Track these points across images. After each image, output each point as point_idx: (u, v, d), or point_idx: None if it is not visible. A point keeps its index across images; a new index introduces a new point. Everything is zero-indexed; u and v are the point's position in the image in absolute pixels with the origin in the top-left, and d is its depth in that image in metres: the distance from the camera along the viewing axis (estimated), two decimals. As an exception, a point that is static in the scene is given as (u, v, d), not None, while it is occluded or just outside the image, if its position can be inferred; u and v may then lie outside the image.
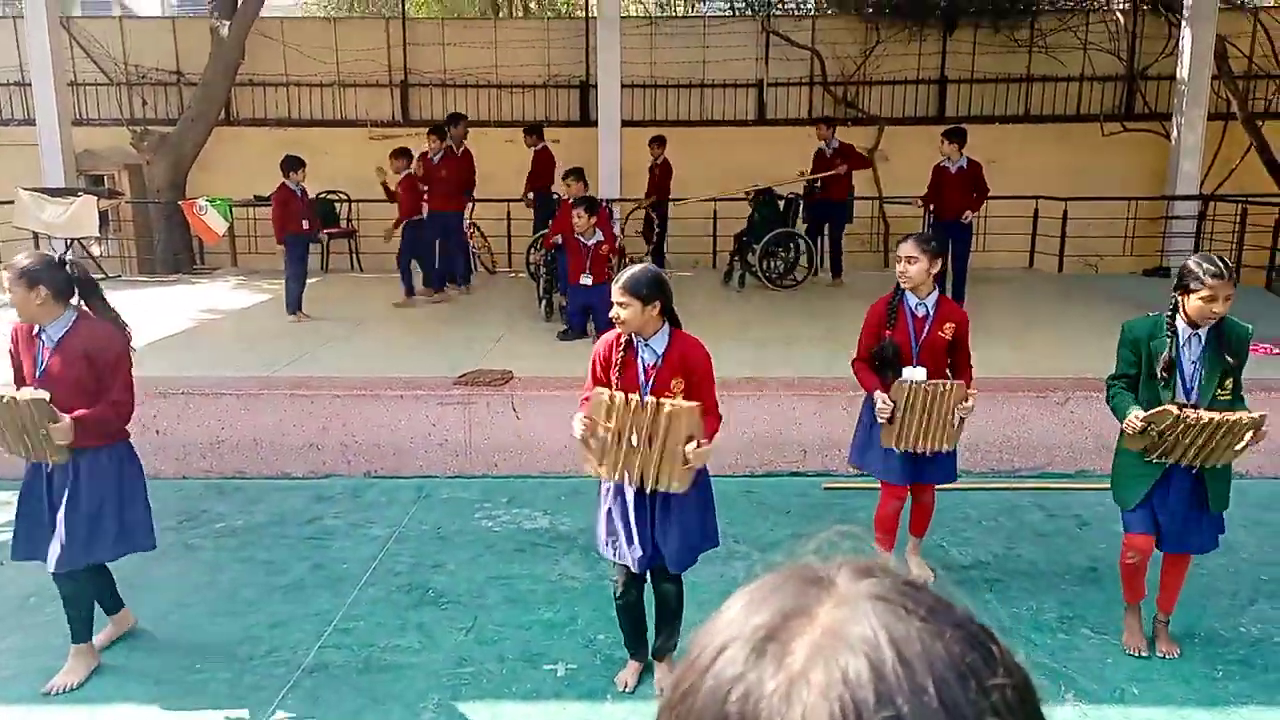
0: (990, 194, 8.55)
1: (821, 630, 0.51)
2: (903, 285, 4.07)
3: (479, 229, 11.06)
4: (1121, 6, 13.96)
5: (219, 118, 12.69)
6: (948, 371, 4.18)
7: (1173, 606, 3.90)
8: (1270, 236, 10.02)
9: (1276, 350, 7.04)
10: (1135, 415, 3.55)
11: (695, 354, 3.33)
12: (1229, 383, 3.57)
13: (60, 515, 3.51)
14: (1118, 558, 4.19)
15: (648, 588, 3.55)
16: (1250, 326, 3.58)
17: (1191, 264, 3.47)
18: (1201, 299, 3.42)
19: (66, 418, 3.41)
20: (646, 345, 3.32)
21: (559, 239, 7.88)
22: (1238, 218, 10.61)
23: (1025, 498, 5.57)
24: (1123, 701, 3.54)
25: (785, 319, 8.41)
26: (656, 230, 10.96)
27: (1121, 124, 13.41)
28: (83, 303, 3.61)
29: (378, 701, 3.55)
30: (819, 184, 9.87)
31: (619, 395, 3.19)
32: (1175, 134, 11.78)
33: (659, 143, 10.85)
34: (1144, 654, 3.82)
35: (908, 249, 4.04)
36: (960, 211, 8.21)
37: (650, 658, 3.64)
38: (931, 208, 8.67)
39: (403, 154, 9.13)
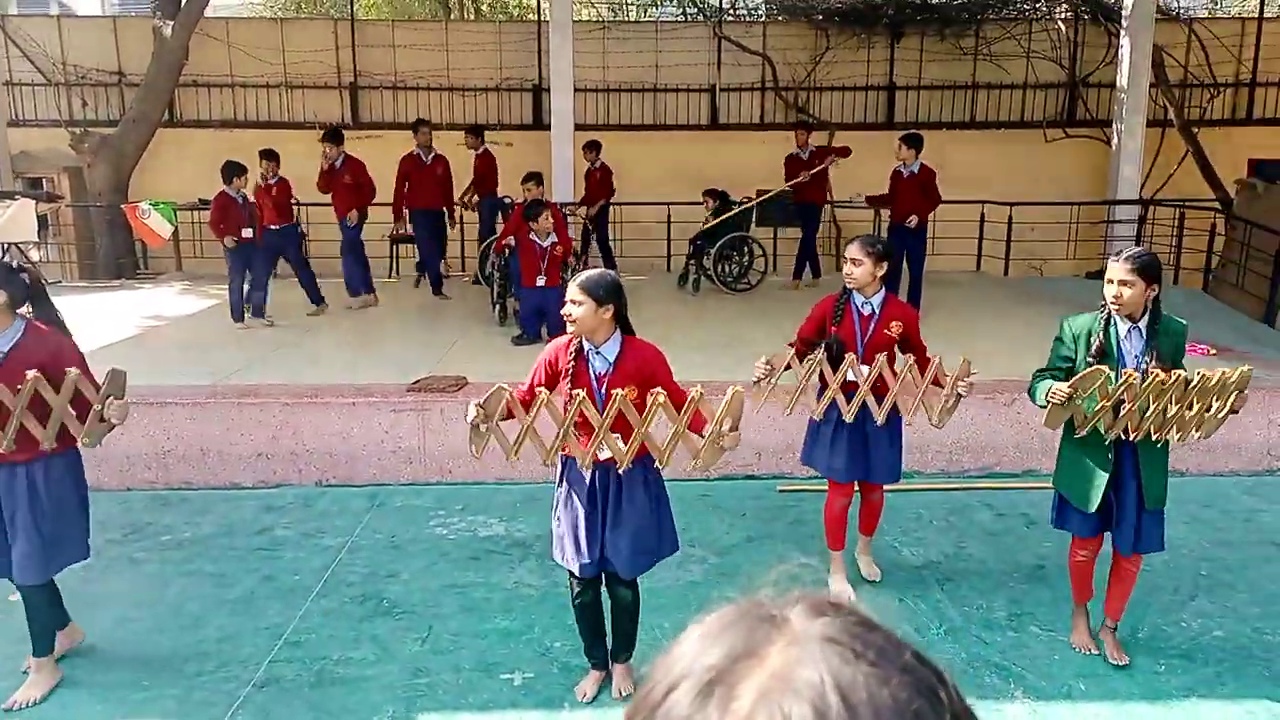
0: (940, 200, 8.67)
1: (769, 674, 0.52)
2: (849, 285, 4.13)
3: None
4: (1063, 16, 14.29)
5: (162, 119, 12.41)
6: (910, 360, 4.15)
7: (1121, 613, 3.87)
8: (1207, 240, 10.33)
9: (1213, 351, 7.26)
10: (1059, 385, 3.49)
11: (650, 358, 3.32)
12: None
13: (24, 526, 3.42)
14: (1065, 557, 4.28)
15: (605, 593, 3.55)
16: (1185, 322, 3.64)
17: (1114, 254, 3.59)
18: (1106, 281, 3.53)
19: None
20: (598, 353, 3.29)
21: (511, 241, 7.85)
22: (1176, 222, 10.92)
23: (974, 497, 5.67)
24: (1070, 698, 3.62)
25: (739, 322, 8.47)
26: (593, 237, 10.85)
27: (1064, 130, 13.72)
28: (30, 310, 3.52)
29: (331, 715, 3.49)
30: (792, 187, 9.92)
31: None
32: (1116, 140, 12.10)
33: (593, 148, 10.75)
34: (1093, 651, 3.88)
35: (854, 251, 4.12)
36: (916, 215, 8.29)
37: (609, 663, 3.63)
38: (887, 212, 8.77)
39: (271, 156, 8.71)
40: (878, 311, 4.13)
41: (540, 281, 7.39)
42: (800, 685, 0.50)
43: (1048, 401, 3.55)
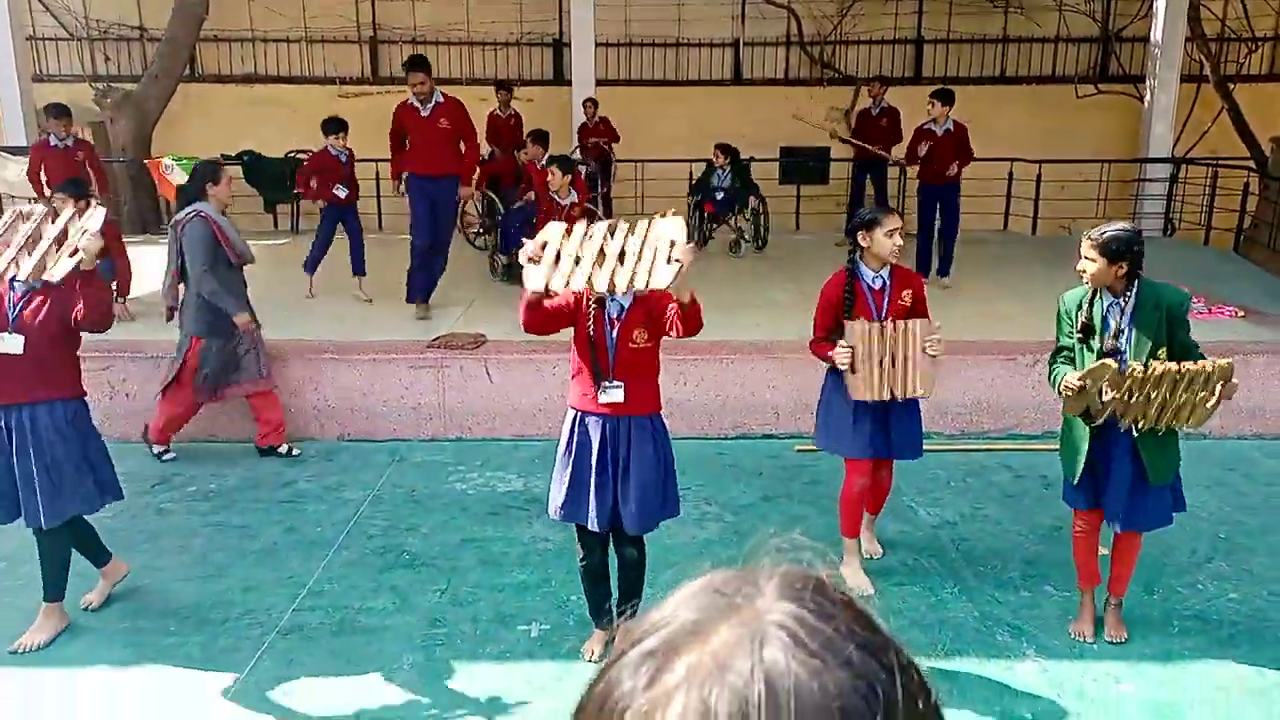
0: (985, 158, 8.43)
1: (709, 653, 0.52)
2: (884, 261, 3.91)
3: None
4: (1097, -33, 13.91)
5: (184, 74, 12.40)
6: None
7: (1124, 589, 3.80)
8: (1240, 199, 10.12)
9: (1241, 314, 7.15)
10: (1070, 376, 3.46)
11: (659, 299, 3.32)
12: (1162, 352, 3.43)
13: (32, 471, 3.50)
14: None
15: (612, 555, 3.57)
16: (1185, 293, 3.56)
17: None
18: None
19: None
20: (613, 299, 3.36)
21: (532, 196, 7.84)
22: (1209, 181, 10.70)
23: (993, 459, 5.66)
24: (1082, 658, 3.64)
25: (758, 281, 8.43)
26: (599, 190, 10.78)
27: (1096, 86, 13.42)
28: None
29: (352, 663, 3.58)
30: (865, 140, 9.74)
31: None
32: (1148, 96, 11.83)
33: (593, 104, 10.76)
34: (1087, 639, 3.74)
35: (898, 221, 3.88)
36: (945, 175, 8.03)
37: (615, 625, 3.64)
38: (913, 171, 8.57)
39: (63, 113, 7.75)
40: (888, 282, 3.96)
41: None
42: (732, 670, 0.50)
43: (1061, 392, 3.53)
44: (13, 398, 3.52)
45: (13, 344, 3.49)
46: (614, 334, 3.34)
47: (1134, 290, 3.47)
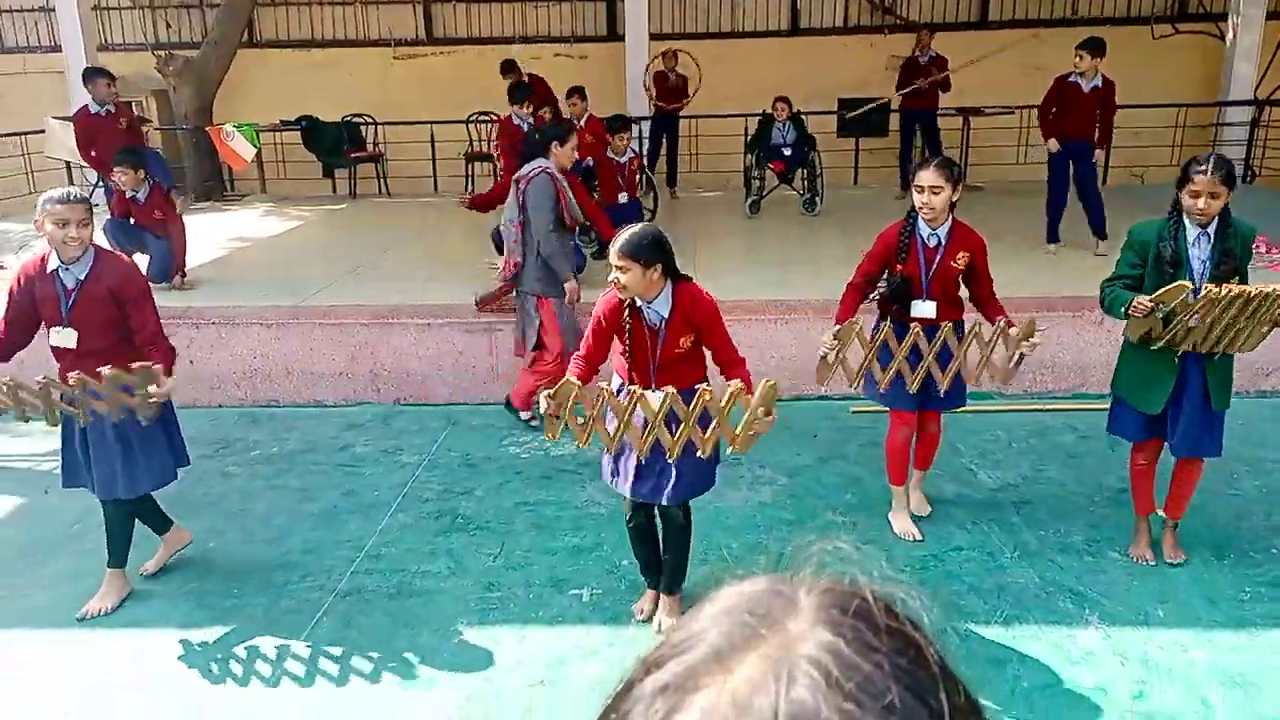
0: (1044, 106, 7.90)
1: (729, 694, 0.46)
2: (924, 217, 3.85)
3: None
4: (1177, -102, 13.16)
5: (242, 40, 12.53)
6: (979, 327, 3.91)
7: (1182, 513, 3.91)
8: (1326, 143, 9.59)
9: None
10: (1142, 297, 3.49)
11: (702, 307, 3.26)
12: (1235, 280, 3.52)
13: (106, 445, 3.58)
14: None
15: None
16: (1254, 226, 3.64)
17: (1189, 161, 3.58)
18: (1188, 193, 3.51)
19: (168, 379, 3.46)
20: (650, 307, 3.25)
21: (590, 161, 7.77)
22: (1292, 123, 10.15)
23: (1058, 419, 5.50)
24: (1147, 624, 3.53)
25: (812, 239, 8.27)
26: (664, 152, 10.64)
27: (1173, 25, 12.76)
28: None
29: (408, 625, 3.64)
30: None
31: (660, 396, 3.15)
32: (1230, 35, 11.22)
33: (674, 56, 10.54)
34: (1149, 561, 3.89)
35: (930, 178, 3.77)
36: (1089, 135, 7.36)
37: (660, 591, 3.65)
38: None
39: (104, 76, 7.54)
40: (944, 242, 3.86)
41: (622, 198, 7.30)
42: (750, 713, 0.45)
43: (1128, 314, 3.54)
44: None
45: (67, 338, 3.53)
46: (657, 344, 3.28)
47: (1222, 220, 3.53)
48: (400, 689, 3.27)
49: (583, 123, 8.50)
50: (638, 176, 7.64)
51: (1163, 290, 3.45)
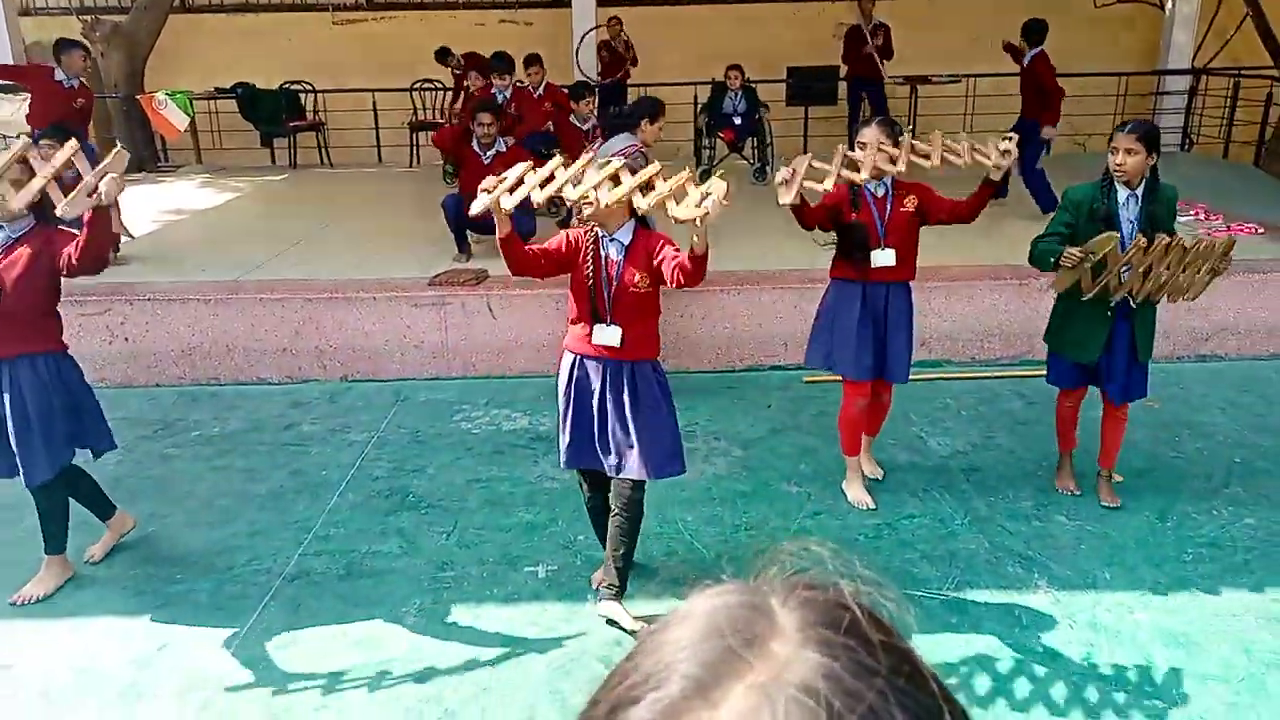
0: (988, 74, 8.18)
1: None
2: (864, 172, 3.83)
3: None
4: None
5: (173, 4, 12.05)
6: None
7: (1113, 462, 4.20)
8: (1262, 112, 9.80)
9: (1261, 230, 6.97)
10: (1071, 249, 3.72)
11: (659, 239, 3.23)
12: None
13: (11, 430, 3.44)
14: (1095, 445, 4.24)
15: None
16: (1175, 189, 3.92)
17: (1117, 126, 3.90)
18: (1110, 150, 3.81)
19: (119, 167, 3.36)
20: (612, 240, 3.22)
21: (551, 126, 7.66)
22: (1229, 92, 10.35)
23: (1006, 385, 5.57)
24: (1094, 587, 3.60)
25: (761, 209, 8.24)
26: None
27: (1115, -6, 12.92)
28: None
29: (360, 607, 3.57)
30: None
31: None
32: (1170, 5, 11.38)
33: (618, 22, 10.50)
34: (1074, 492, 4.23)
35: (873, 135, 3.84)
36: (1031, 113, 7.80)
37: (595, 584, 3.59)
38: None
39: (79, 50, 7.26)
40: (890, 190, 3.97)
41: None
42: None
43: (1057, 264, 3.77)
44: None
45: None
46: (614, 275, 3.22)
47: (1149, 183, 3.82)
48: (352, 673, 3.21)
49: (541, 91, 8.37)
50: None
51: (1093, 240, 3.70)
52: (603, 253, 3.23)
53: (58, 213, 3.36)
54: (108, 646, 3.37)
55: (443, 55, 8.80)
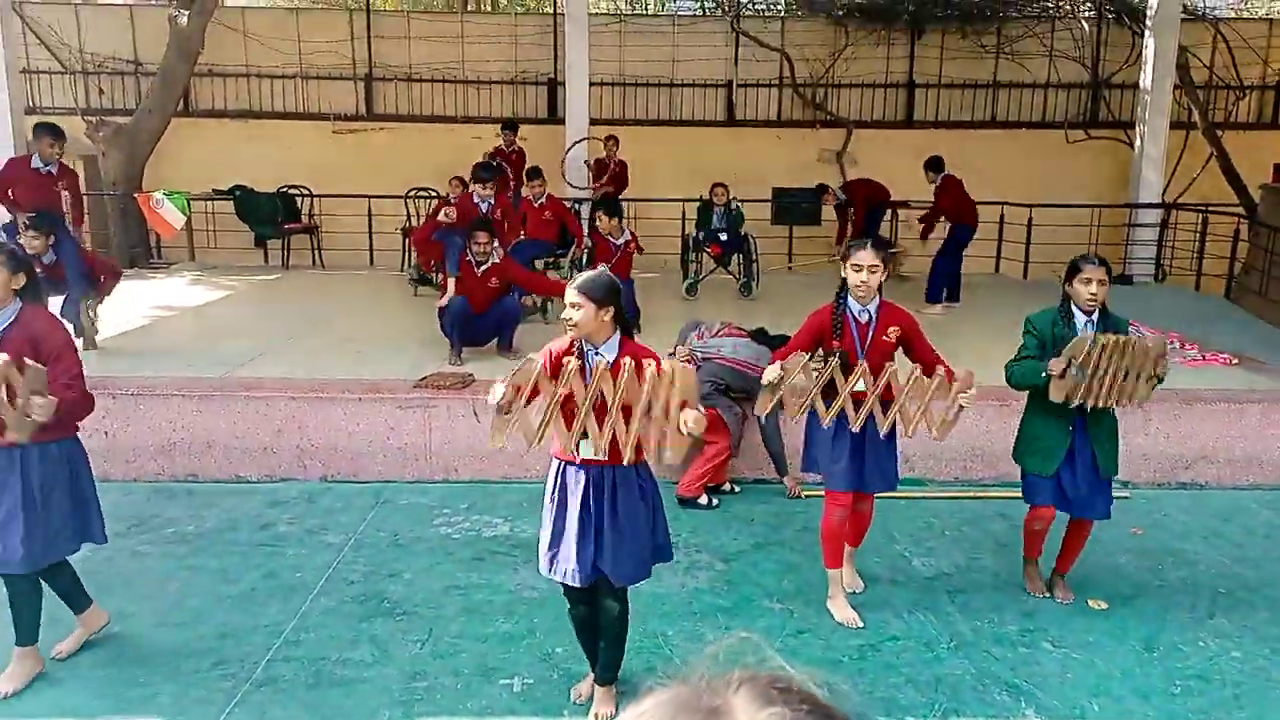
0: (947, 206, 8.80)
1: None
2: (856, 295, 3.98)
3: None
4: (1086, 15, 14.10)
5: (177, 108, 12.39)
6: (916, 370, 4.05)
7: (1069, 568, 4.41)
8: (1230, 246, 10.16)
9: (1235, 360, 7.12)
10: (1053, 361, 3.97)
11: (646, 352, 3.27)
12: None
13: (9, 512, 3.37)
14: (1083, 569, 4.23)
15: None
16: (1126, 318, 4.25)
17: (1077, 259, 4.17)
18: (1080, 281, 4.07)
19: (50, 400, 3.22)
20: (597, 353, 3.25)
21: (589, 243, 7.80)
22: (1199, 227, 10.74)
23: (989, 506, 5.57)
24: (1083, 718, 3.52)
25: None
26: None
27: (1086, 131, 13.54)
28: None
29: (328, 717, 3.44)
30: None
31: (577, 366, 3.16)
32: (1138, 142, 11.92)
33: (614, 141, 11.03)
34: (1047, 595, 4.38)
35: (869, 257, 3.92)
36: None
37: (595, 682, 3.54)
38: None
39: (54, 134, 7.18)
40: (875, 317, 4.03)
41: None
42: None
43: (1046, 376, 3.99)
44: None
45: (37, 366, 3.32)
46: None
47: (1102, 310, 4.15)
48: (317, 789, 3.07)
49: (542, 203, 8.59)
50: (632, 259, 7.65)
51: (1070, 345, 3.97)
52: (588, 365, 3.25)
53: (8, 438, 3.27)
54: (61, 754, 3.22)
55: (485, 169, 8.87)
